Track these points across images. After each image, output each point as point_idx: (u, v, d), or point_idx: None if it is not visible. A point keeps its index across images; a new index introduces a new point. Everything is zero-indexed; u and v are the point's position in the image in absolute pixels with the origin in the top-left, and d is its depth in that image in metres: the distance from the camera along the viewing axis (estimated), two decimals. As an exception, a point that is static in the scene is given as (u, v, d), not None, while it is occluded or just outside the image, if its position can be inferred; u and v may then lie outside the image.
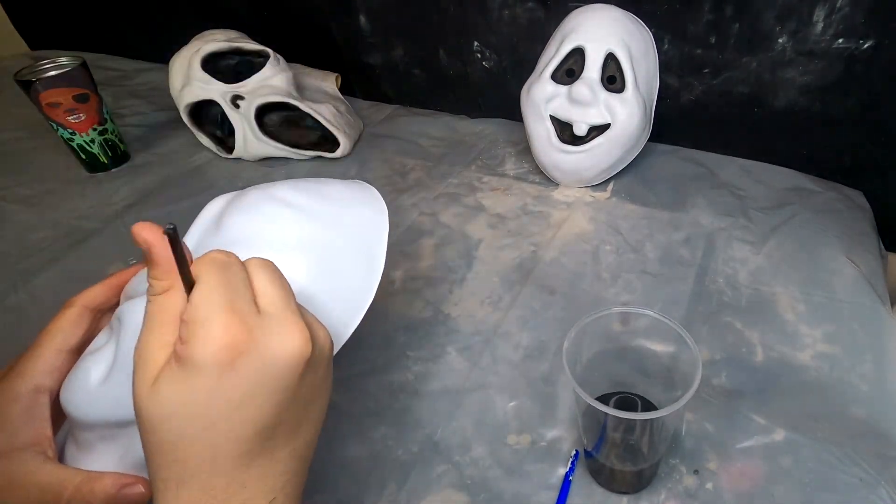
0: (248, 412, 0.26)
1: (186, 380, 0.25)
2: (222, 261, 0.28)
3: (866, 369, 0.53)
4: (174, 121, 0.94)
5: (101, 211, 0.81)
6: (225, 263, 0.27)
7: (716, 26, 0.72)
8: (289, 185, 0.40)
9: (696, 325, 0.58)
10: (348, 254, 0.37)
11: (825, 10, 0.66)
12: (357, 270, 0.37)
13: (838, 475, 0.45)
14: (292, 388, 0.27)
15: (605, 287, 0.64)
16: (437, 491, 0.46)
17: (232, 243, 0.34)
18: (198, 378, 0.25)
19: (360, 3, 0.94)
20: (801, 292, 0.61)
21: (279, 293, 0.28)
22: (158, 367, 0.26)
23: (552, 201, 0.78)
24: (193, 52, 0.85)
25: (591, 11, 0.72)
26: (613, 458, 0.43)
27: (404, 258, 0.70)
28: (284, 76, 0.87)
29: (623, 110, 0.70)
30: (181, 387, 0.25)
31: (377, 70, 1.01)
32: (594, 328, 0.43)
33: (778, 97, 0.74)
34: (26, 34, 1.37)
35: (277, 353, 0.27)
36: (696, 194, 0.76)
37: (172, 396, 0.25)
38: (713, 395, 0.51)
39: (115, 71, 1.21)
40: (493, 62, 0.91)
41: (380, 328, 0.61)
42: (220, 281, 0.26)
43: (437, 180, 0.83)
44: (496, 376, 0.55)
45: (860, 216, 0.71)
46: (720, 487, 0.45)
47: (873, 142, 0.72)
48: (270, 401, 0.27)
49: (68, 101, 0.82)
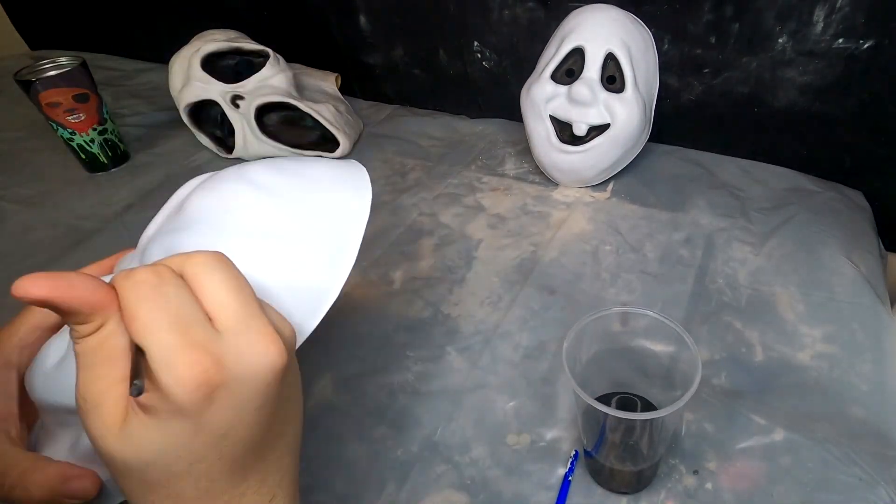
0: (237, 435, 0.25)
1: (161, 426, 0.23)
2: (151, 283, 0.23)
3: (866, 369, 0.53)
4: (174, 121, 0.94)
5: (101, 211, 0.81)
6: (154, 285, 0.23)
7: (716, 26, 0.72)
8: (266, 164, 0.38)
9: (695, 325, 0.58)
10: (314, 242, 0.34)
11: (825, 10, 0.66)
12: (322, 261, 0.34)
13: (838, 475, 0.45)
14: (273, 397, 0.26)
15: (605, 287, 0.64)
16: (436, 491, 0.46)
17: (188, 225, 0.32)
18: (174, 422, 0.23)
19: (360, 3, 0.94)
20: (800, 292, 0.61)
21: (237, 299, 0.25)
22: (119, 409, 0.23)
23: (552, 201, 0.78)
24: (193, 52, 0.85)
25: (590, 11, 0.72)
26: (613, 458, 0.43)
27: (404, 258, 0.70)
28: (284, 76, 0.87)
29: (623, 110, 0.70)
30: (158, 433, 0.23)
31: (377, 70, 1.01)
32: (594, 328, 0.43)
33: (778, 97, 0.74)
34: (26, 34, 1.37)
35: (252, 371, 0.24)
36: (696, 194, 0.76)
37: (150, 443, 0.23)
38: (713, 396, 0.51)
39: (115, 71, 1.21)
40: (493, 62, 0.91)
41: (380, 328, 0.61)
42: (158, 312, 0.23)
43: (437, 180, 0.83)
44: (496, 376, 0.55)
45: (860, 216, 0.71)
46: (720, 487, 0.45)
47: (873, 142, 0.72)
48: (257, 417, 0.25)
49: (68, 101, 0.82)
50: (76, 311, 0.23)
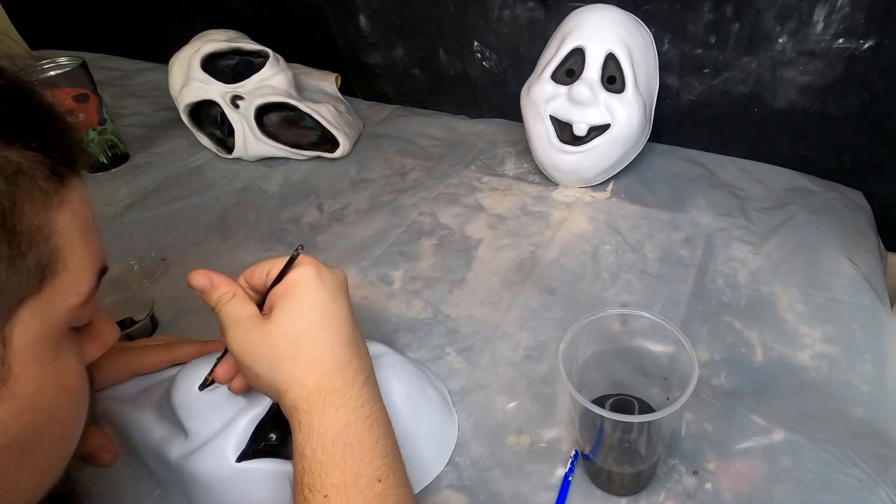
0: (340, 310, 0.39)
1: (302, 306, 0.38)
2: None
3: (866, 369, 0.53)
4: (174, 121, 0.94)
5: (101, 211, 0.80)
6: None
7: (716, 26, 0.72)
8: None
9: (695, 326, 0.58)
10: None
11: (825, 10, 0.66)
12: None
13: (837, 476, 0.45)
14: (345, 296, 0.40)
15: (605, 287, 0.64)
16: (436, 491, 0.46)
17: None
18: (311, 297, 0.38)
19: (360, 3, 0.94)
20: (800, 292, 0.61)
21: None
22: (259, 316, 0.39)
23: (552, 201, 0.78)
24: (193, 52, 0.85)
25: (591, 12, 0.72)
26: (611, 460, 0.43)
27: (404, 258, 0.70)
28: (284, 76, 0.87)
29: (623, 110, 0.70)
30: (297, 308, 0.38)
31: (377, 70, 1.01)
32: (591, 330, 0.43)
33: (778, 97, 0.74)
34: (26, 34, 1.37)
35: (335, 275, 0.40)
36: (696, 194, 0.76)
37: (293, 310, 0.38)
38: (712, 396, 0.51)
39: (115, 71, 1.21)
40: (493, 62, 0.91)
41: (380, 328, 0.61)
42: (312, 266, 0.40)
43: (437, 180, 0.83)
44: (495, 377, 0.55)
45: (860, 216, 0.71)
46: (719, 488, 0.45)
47: (873, 142, 0.72)
48: (342, 303, 0.40)
49: (68, 101, 0.82)
50: (223, 284, 0.40)
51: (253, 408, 0.44)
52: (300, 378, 0.37)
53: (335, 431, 0.36)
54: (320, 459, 0.35)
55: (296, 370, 0.37)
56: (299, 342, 0.37)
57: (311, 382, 0.37)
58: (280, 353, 0.37)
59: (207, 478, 0.43)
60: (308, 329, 0.38)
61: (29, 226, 0.26)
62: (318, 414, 0.36)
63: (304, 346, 0.37)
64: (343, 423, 0.36)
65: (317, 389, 0.36)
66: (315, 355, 0.37)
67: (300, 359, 0.37)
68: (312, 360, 0.37)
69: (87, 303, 0.31)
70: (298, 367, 0.37)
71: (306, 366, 0.37)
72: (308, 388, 0.37)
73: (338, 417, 0.36)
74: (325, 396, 0.36)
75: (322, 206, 0.80)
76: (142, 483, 0.48)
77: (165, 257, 0.71)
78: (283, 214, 0.79)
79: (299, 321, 0.38)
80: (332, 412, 0.36)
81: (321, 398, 0.36)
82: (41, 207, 0.27)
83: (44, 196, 0.27)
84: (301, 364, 0.37)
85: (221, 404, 0.44)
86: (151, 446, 0.45)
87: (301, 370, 0.37)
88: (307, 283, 0.38)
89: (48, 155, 0.28)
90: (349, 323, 0.40)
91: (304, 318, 0.38)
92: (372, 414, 0.37)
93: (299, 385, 0.37)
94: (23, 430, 0.28)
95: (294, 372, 0.37)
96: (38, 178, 0.27)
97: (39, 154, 0.27)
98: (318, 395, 0.36)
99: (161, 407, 0.46)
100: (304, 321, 0.38)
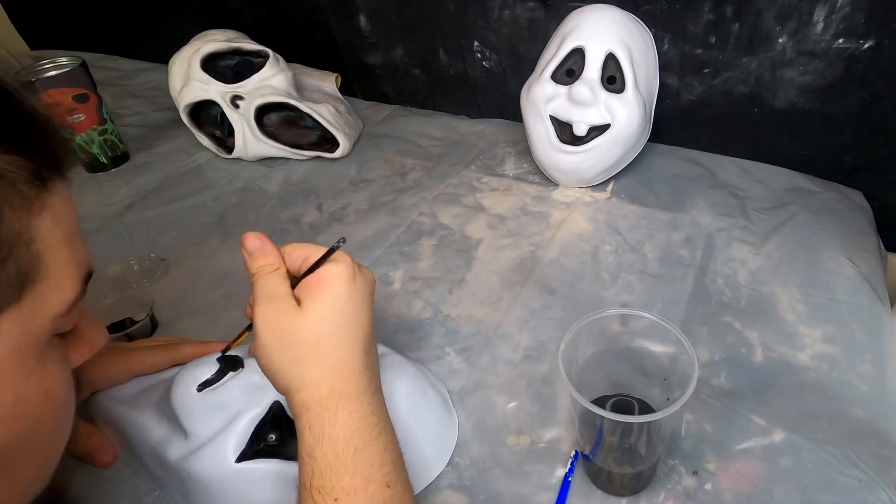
0: (366, 319, 0.39)
1: (329, 299, 0.38)
2: None
3: (866, 370, 0.52)
4: (174, 121, 0.94)
5: (101, 211, 0.81)
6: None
7: (716, 26, 0.72)
8: None
9: (695, 326, 0.58)
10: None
11: (825, 10, 0.66)
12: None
13: (837, 476, 0.45)
14: (371, 302, 0.40)
15: (605, 287, 0.64)
16: (436, 491, 0.46)
17: None
18: (337, 293, 0.38)
19: (360, 3, 0.94)
20: (800, 293, 0.61)
21: None
22: (294, 300, 0.38)
23: (552, 201, 0.78)
24: (193, 52, 0.85)
25: (590, 12, 0.72)
26: (611, 460, 0.43)
27: (404, 258, 0.70)
28: (284, 76, 0.87)
29: (623, 110, 0.70)
30: (327, 309, 0.38)
31: (377, 70, 1.01)
32: (591, 330, 0.43)
33: (778, 97, 0.74)
34: (26, 34, 1.37)
35: (366, 279, 0.41)
36: (696, 194, 0.76)
37: (323, 308, 0.38)
38: (712, 396, 0.51)
39: (115, 71, 1.21)
40: (493, 62, 0.91)
41: (380, 328, 0.60)
42: (349, 266, 0.40)
43: (437, 180, 0.83)
44: (495, 377, 0.55)
45: (860, 216, 0.71)
46: (719, 488, 0.45)
47: (873, 142, 0.72)
48: (369, 310, 0.40)
49: (68, 101, 0.82)
50: (271, 254, 0.40)
51: (252, 408, 0.44)
52: (317, 379, 0.37)
53: (346, 436, 0.36)
54: (331, 463, 0.35)
55: (314, 370, 0.37)
56: (322, 343, 0.37)
57: (327, 386, 0.37)
58: (303, 350, 0.37)
59: (207, 478, 0.43)
60: (334, 332, 0.38)
61: (9, 232, 0.25)
62: (330, 417, 0.36)
63: (327, 349, 0.37)
64: (354, 428, 0.36)
65: (331, 393, 0.37)
66: (335, 359, 0.37)
67: (321, 360, 0.37)
68: (332, 364, 0.37)
69: (72, 310, 0.30)
70: (317, 367, 0.37)
71: (325, 368, 0.37)
72: (322, 392, 0.37)
73: (350, 422, 0.36)
74: (338, 401, 0.36)
75: (322, 206, 0.80)
76: (141, 483, 0.48)
77: (165, 257, 0.71)
78: (283, 214, 0.79)
79: (327, 322, 0.37)
80: (345, 417, 0.36)
81: (334, 402, 0.36)
82: (22, 213, 0.26)
83: (24, 201, 0.26)
84: (320, 365, 0.37)
85: (221, 405, 0.44)
86: (151, 447, 0.46)
87: (319, 371, 0.37)
88: (341, 284, 0.38)
89: (29, 159, 0.27)
90: (370, 332, 0.40)
91: (331, 321, 0.38)
92: (380, 421, 0.38)
93: (315, 386, 0.37)
94: (7, 440, 0.27)
95: (312, 372, 0.37)
96: (18, 183, 0.26)
97: (20, 157, 0.26)
98: (331, 399, 0.36)
99: (160, 407, 0.46)
100: (331, 323, 0.38)
